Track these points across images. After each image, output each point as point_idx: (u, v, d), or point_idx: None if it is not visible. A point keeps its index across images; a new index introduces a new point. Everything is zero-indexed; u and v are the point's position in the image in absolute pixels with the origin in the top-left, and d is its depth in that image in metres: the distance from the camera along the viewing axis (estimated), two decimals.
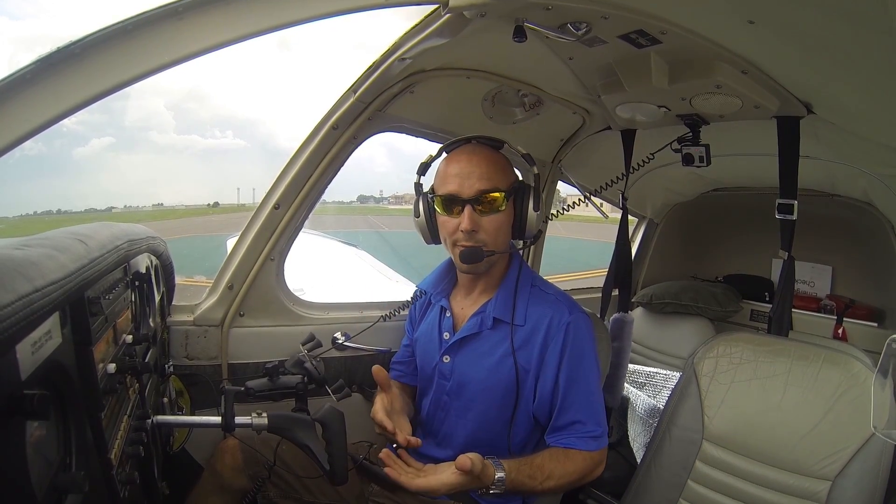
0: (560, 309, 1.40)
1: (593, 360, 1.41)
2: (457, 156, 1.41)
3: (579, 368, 1.37)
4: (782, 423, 1.32)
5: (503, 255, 1.45)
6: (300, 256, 1.89)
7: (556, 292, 1.47)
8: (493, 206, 1.37)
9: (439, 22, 1.17)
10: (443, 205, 1.40)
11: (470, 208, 1.36)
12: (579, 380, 1.36)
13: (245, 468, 1.40)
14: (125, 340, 0.92)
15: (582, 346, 1.38)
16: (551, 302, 1.43)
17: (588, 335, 1.41)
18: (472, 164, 1.37)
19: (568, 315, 1.39)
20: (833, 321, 2.44)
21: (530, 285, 1.46)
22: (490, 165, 1.38)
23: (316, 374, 1.28)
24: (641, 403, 1.97)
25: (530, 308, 1.42)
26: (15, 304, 0.48)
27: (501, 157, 1.42)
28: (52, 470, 0.60)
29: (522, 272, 1.46)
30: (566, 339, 1.37)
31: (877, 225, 2.22)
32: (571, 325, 1.38)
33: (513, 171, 1.44)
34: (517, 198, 1.42)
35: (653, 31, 1.18)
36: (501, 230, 1.40)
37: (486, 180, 1.36)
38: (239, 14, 0.87)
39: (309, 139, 1.55)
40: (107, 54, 0.79)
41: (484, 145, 1.43)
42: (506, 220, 1.40)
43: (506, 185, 1.39)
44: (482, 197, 1.36)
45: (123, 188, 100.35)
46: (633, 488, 1.49)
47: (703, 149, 1.65)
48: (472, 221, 1.36)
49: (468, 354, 1.44)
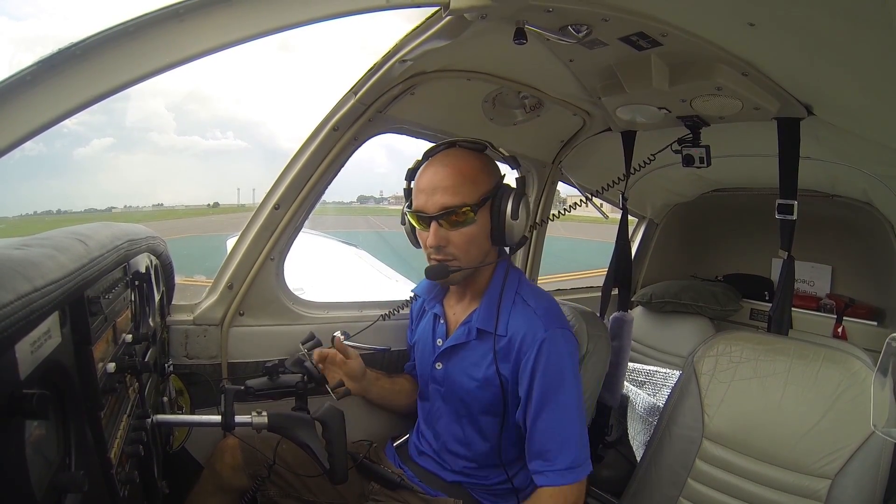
0: (535, 325, 1.33)
1: (570, 382, 1.31)
2: (427, 167, 1.37)
3: (551, 390, 1.29)
4: (782, 422, 1.32)
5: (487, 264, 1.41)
6: (300, 256, 1.89)
7: (538, 304, 1.38)
8: (461, 221, 1.32)
9: (440, 24, 1.18)
10: (415, 219, 1.38)
11: (436, 224, 1.33)
12: (550, 402, 1.29)
13: (245, 467, 1.40)
14: (125, 340, 0.92)
15: (557, 366, 1.30)
16: (529, 316, 1.36)
17: (566, 354, 1.33)
18: (437, 178, 1.33)
19: (543, 332, 1.32)
20: (833, 320, 2.45)
21: (514, 293, 1.41)
22: (458, 176, 1.32)
23: (316, 373, 1.28)
24: (641, 402, 1.97)
25: (511, 319, 1.37)
26: (14, 304, 0.48)
27: (479, 163, 1.37)
28: (51, 469, 0.60)
29: (507, 280, 1.40)
30: (538, 357, 1.30)
31: (876, 225, 2.22)
32: (546, 343, 1.31)
33: (492, 176, 1.38)
34: (495, 204, 1.35)
35: (653, 34, 1.18)
36: (473, 243, 1.35)
37: (451, 194, 1.30)
38: (240, 16, 0.87)
39: (309, 140, 1.55)
40: (108, 56, 0.79)
41: (466, 149, 1.39)
42: (478, 231, 1.34)
43: (477, 195, 1.32)
44: (447, 213, 1.31)
45: (123, 188, 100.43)
46: (633, 486, 1.50)
47: (704, 150, 1.65)
48: (438, 237, 1.33)
49: (459, 363, 1.42)
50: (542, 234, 2.35)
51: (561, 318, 1.38)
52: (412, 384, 1.64)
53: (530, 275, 2.38)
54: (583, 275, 8.21)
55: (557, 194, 2.38)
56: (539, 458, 1.29)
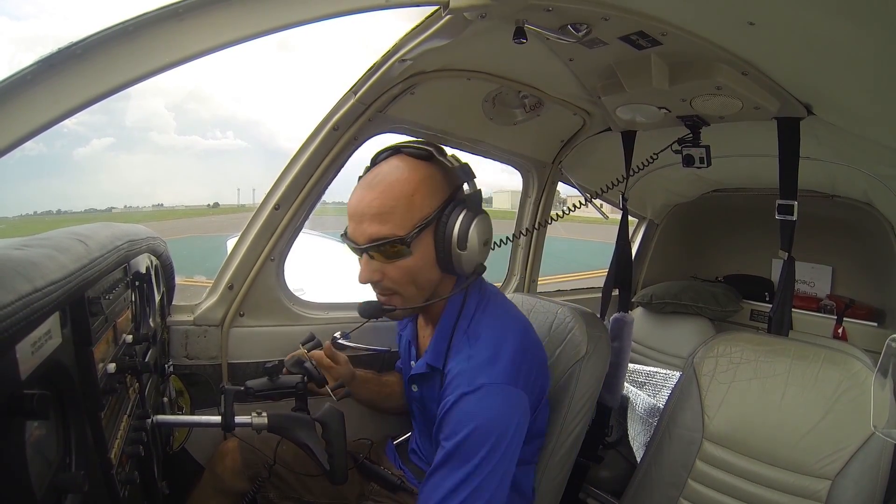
0: (461, 375, 1.12)
1: (487, 448, 1.05)
2: (357, 187, 1.17)
3: (457, 450, 1.06)
4: (782, 423, 1.32)
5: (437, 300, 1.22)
6: (300, 257, 1.89)
7: (479, 351, 1.14)
8: (394, 253, 1.12)
9: (440, 23, 1.18)
10: (349, 247, 1.18)
11: (367, 257, 1.15)
12: (451, 462, 1.07)
13: (245, 470, 1.40)
14: (125, 340, 0.92)
15: (470, 427, 1.05)
16: (461, 362, 1.14)
17: (491, 415, 1.07)
18: (364, 203, 1.12)
19: (465, 385, 1.09)
20: (833, 321, 2.44)
21: (467, 327, 1.20)
22: (389, 200, 1.10)
23: (316, 374, 1.28)
24: (641, 403, 1.97)
25: (453, 360, 1.17)
26: (15, 304, 0.48)
27: (418, 177, 1.13)
28: (51, 469, 0.60)
29: (463, 312, 1.20)
30: (450, 410, 1.09)
31: (877, 225, 2.22)
32: (465, 399, 1.08)
33: (436, 193, 1.15)
34: (439, 229, 1.13)
35: (653, 33, 1.18)
36: (415, 275, 1.15)
37: (378, 223, 1.10)
38: (240, 15, 0.87)
39: (309, 140, 1.55)
40: (108, 55, 0.79)
41: (411, 157, 1.16)
42: (419, 262, 1.14)
43: (411, 223, 1.10)
44: (376, 245, 1.11)
45: (123, 189, 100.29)
46: (633, 487, 1.49)
47: (704, 150, 1.66)
48: (371, 272, 1.15)
49: (428, 389, 1.31)
50: (542, 234, 2.35)
51: (505, 370, 1.11)
52: (402, 385, 1.62)
53: (530, 276, 2.38)
54: (583, 276, 8.20)
55: (557, 194, 2.38)
56: None
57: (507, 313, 1.28)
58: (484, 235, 1.17)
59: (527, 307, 1.61)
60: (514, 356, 1.14)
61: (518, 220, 2.33)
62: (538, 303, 1.61)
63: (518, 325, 1.26)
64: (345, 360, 1.46)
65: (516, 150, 2.12)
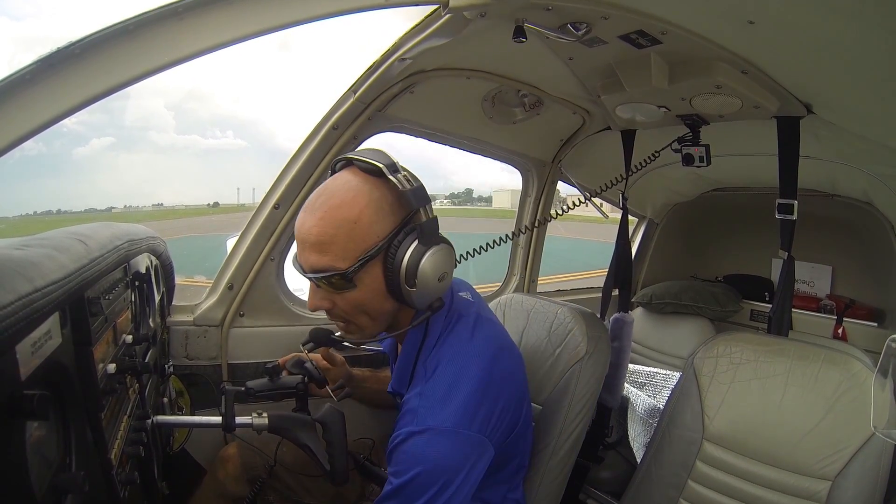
0: (411, 411, 1.03)
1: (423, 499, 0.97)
2: (302, 209, 1.05)
3: (396, 493, 0.99)
4: (782, 423, 1.31)
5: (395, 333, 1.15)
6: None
7: (430, 389, 1.05)
8: (337, 286, 1.02)
9: (439, 22, 1.18)
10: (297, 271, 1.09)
11: (313, 286, 1.06)
12: (387, 501, 1.00)
13: (245, 473, 1.39)
14: (125, 340, 0.92)
15: (408, 473, 0.98)
16: (414, 397, 1.06)
17: (431, 463, 0.98)
18: (304, 229, 1.01)
19: (413, 424, 1.01)
20: (833, 321, 2.44)
21: (424, 361, 1.11)
22: (330, 227, 0.99)
23: (316, 374, 1.28)
24: (641, 403, 1.97)
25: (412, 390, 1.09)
26: (15, 304, 0.48)
27: (366, 202, 1.00)
28: (51, 470, 0.60)
29: (426, 339, 1.11)
30: (396, 447, 1.02)
31: (877, 225, 2.22)
32: (411, 439, 1.00)
33: (386, 218, 1.02)
34: (387, 261, 1.02)
35: (653, 32, 1.18)
36: (365, 306, 1.06)
37: (318, 253, 1.00)
38: (239, 14, 0.87)
39: (309, 139, 1.55)
40: (107, 54, 0.79)
41: (361, 173, 1.03)
42: (367, 294, 1.03)
43: (353, 256, 0.99)
44: (319, 276, 1.01)
45: (123, 188, 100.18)
46: (633, 488, 1.49)
47: (703, 149, 1.66)
48: (319, 300, 1.07)
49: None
50: (541, 234, 2.35)
51: (455, 413, 1.01)
52: None
53: (530, 276, 2.38)
54: (583, 276, 8.19)
55: (557, 193, 2.38)
56: None
57: (476, 337, 1.13)
58: (439, 270, 1.03)
59: (526, 307, 1.60)
60: (468, 398, 1.03)
61: (518, 219, 2.33)
62: (538, 303, 1.61)
63: (481, 359, 1.09)
64: (341, 362, 1.46)
65: (516, 149, 2.11)
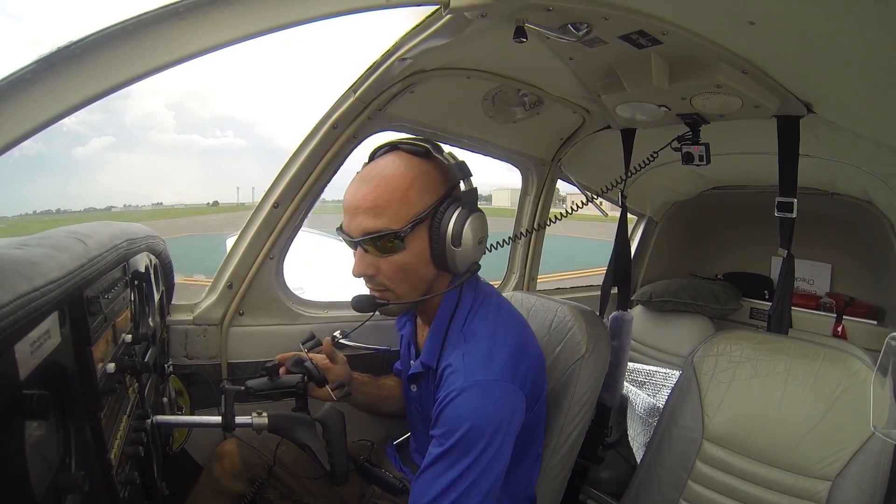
0: (456, 372, 1.11)
1: (478, 448, 1.05)
2: (353, 181, 1.18)
3: (449, 449, 1.06)
4: (782, 423, 1.31)
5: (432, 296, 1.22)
6: (300, 255, 1.89)
7: (475, 348, 1.14)
8: (388, 247, 1.12)
9: (440, 22, 1.18)
10: (343, 240, 1.19)
11: (361, 251, 1.15)
12: (443, 460, 1.07)
13: (244, 471, 1.39)
14: (124, 340, 0.92)
15: (463, 426, 1.05)
16: (457, 360, 1.13)
17: (485, 413, 1.06)
18: (359, 196, 1.12)
19: (461, 381, 1.08)
20: (832, 319, 2.44)
21: (462, 326, 1.20)
22: (384, 193, 1.11)
23: (316, 374, 1.28)
24: (641, 402, 1.97)
25: (449, 358, 1.16)
26: (14, 304, 0.48)
27: (414, 173, 1.14)
28: (51, 470, 0.60)
29: (458, 311, 1.21)
30: (446, 408, 1.09)
31: (876, 223, 2.22)
32: (462, 395, 1.07)
33: (432, 189, 1.15)
34: (434, 225, 1.13)
35: (653, 32, 1.18)
36: (409, 271, 1.15)
37: (372, 217, 1.10)
38: (240, 14, 0.87)
39: (308, 138, 1.55)
40: (107, 54, 0.79)
41: (406, 154, 1.17)
42: (413, 258, 1.14)
43: (405, 218, 1.11)
44: (370, 238, 1.11)
45: (123, 187, 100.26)
46: (633, 488, 1.49)
47: (703, 147, 1.65)
48: (364, 265, 1.15)
49: (424, 388, 1.32)
50: (541, 232, 2.35)
51: (500, 368, 1.11)
52: (400, 389, 1.61)
53: (529, 274, 2.38)
54: (582, 273, 8.20)
55: (557, 192, 2.39)
56: None
57: (503, 312, 1.27)
58: (479, 233, 1.18)
59: (526, 305, 1.61)
60: (508, 356, 1.14)
61: (517, 218, 2.33)
62: (537, 301, 1.61)
63: (515, 324, 1.26)
64: (343, 361, 1.46)
65: (516, 148, 2.12)
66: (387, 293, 1.19)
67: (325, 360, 1.42)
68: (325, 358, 1.42)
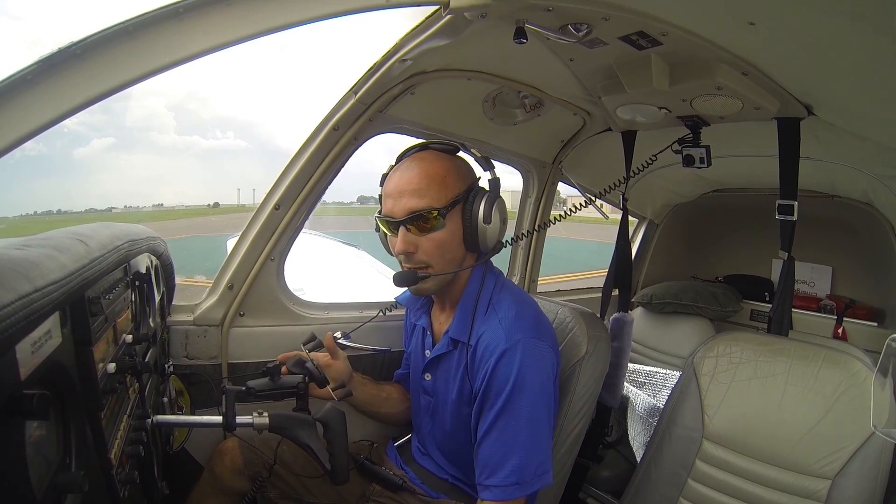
0: (497, 336, 1.26)
1: (530, 393, 1.22)
2: (395, 171, 1.33)
3: (506, 401, 1.21)
4: (782, 423, 1.32)
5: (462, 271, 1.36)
6: (300, 257, 1.90)
7: (506, 314, 1.30)
8: (429, 226, 1.27)
9: (440, 23, 1.18)
10: (384, 225, 1.34)
11: (404, 229, 1.28)
12: (503, 414, 1.21)
13: (245, 469, 1.40)
14: (125, 340, 0.92)
15: (514, 377, 1.21)
16: (494, 326, 1.28)
17: (528, 365, 1.22)
18: (403, 182, 1.28)
19: (504, 343, 1.23)
20: (833, 321, 2.44)
21: (488, 301, 1.35)
22: (425, 179, 1.27)
23: (317, 374, 1.28)
24: (641, 402, 1.97)
25: (481, 330, 1.31)
26: (15, 304, 0.48)
27: (449, 164, 1.32)
28: (51, 470, 0.60)
29: (483, 287, 1.35)
30: (495, 368, 1.23)
31: (877, 225, 2.22)
32: (506, 355, 1.22)
33: (463, 178, 1.33)
34: (466, 208, 1.30)
35: (653, 33, 1.18)
36: (444, 248, 1.30)
37: (418, 198, 1.26)
38: (240, 15, 0.87)
39: (309, 140, 1.55)
40: (108, 55, 0.79)
41: (437, 151, 1.35)
42: (449, 236, 1.29)
43: (445, 198, 1.27)
44: (414, 217, 1.26)
45: (124, 188, 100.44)
46: (633, 487, 1.49)
47: (704, 150, 1.65)
48: (406, 243, 1.28)
49: (443, 374, 1.40)
50: (542, 234, 2.35)
51: (532, 327, 1.29)
52: (400, 393, 1.63)
53: (530, 276, 2.38)
54: (584, 275, 8.19)
55: (557, 194, 2.39)
56: (484, 471, 1.23)
57: (522, 293, 1.45)
58: (503, 214, 1.35)
59: None
60: (537, 318, 1.34)
61: (518, 220, 2.33)
62: (538, 303, 1.61)
63: (533, 303, 1.41)
64: (344, 357, 1.47)
65: (516, 150, 2.11)
66: (426, 269, 1.31)
67: (327, 357, 1.43)
68: (327, 355, 1.43)
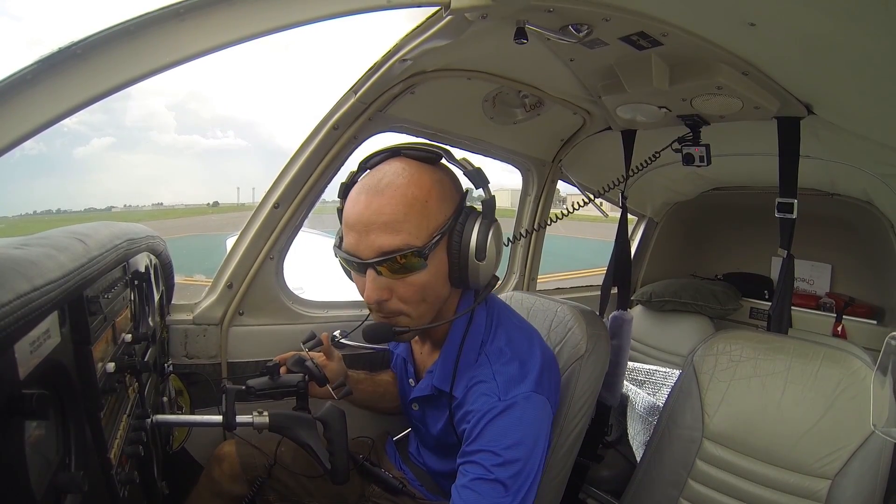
0: (490, 391, 1.07)
1: (523, 463, 1.02)
2: (358, 192, 1.03)
3: (494, 469, 1.02)
4: (782, 421, 1.32)
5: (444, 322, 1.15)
6: (300, 255, 1.89)
7: (502, 370, 1.09)
8: (407, 267, 1.00)
9: (441, 23, 1.18)
10: (345, 263, 1.07)
11: (373, 272, 1.01)
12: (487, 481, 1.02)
13: (243, 474, 1.39)
14: (124, 339, 0.92)
15: (510, 444, 1.02)
16: (486, 379, 1.09)
17: (528, 424, 1.05)
18: (369, 211, 0.99)
19: (499, 402, 1.05)
20: (832, 319, 2.45)
21: (478, 348, 1.15)
22: (401, 206, 0.98)
23: (317, 373, 1.28)
24: (641, 401, 1.97)
25: (469, 381, 1.12)
26: (13, 303, 0.48)
27: (429, 181, 1.02)
28: (51, 470, 0.60)
29: (470, 331, 1.13)
30: (485, 429, 1.04)
31: (876, 223, 2.22)
32: (502, 415, 1.04)
33: (448, 198, 1.05)
34: (454, 239, 1.03)
35: (654, 33, 1.18)
36: (426, 292, 1.05)
37: (391, 233, 0.98)
38: (241, 15, 0.87)
39: (309, 139, 1.55)
40: (108, 55, 0.79)
41: (413, 160, 1.05)
42: (431, 278, 1.03)
43: (427, 232, 1.00)
44: (387, 259, 0.99)
45: (124, 188, 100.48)
46: (633, 486, 1.49)
47: (704, 149, 1.66)
48: (378, 290, 1.02)
49: (430, 411, 1.29)
50: (541, 233, 2.35)
51: (534, 380, 1.09)
52: (395, 386, 1.59)
53: (529, 274, 2.38)
54: (582, 274, 8.20)
55: (557, 193, 2.39)
56: None
57: (523, 323, 1.24)
58: (500, 245, 1.09)
59: (526, 305, 1.61)
60: (539, 371, 1.11)
61: (518, 219, 2.34)
62: (538, 301, 1.61)
63: (536, 333, 1.23)
64: (339, 358, 1.45)
65: (516, 149, 2.12)
66: (400, 318, 1.08)
67: (322, 357, 1.41)
68: (322, 355, 1.42)
